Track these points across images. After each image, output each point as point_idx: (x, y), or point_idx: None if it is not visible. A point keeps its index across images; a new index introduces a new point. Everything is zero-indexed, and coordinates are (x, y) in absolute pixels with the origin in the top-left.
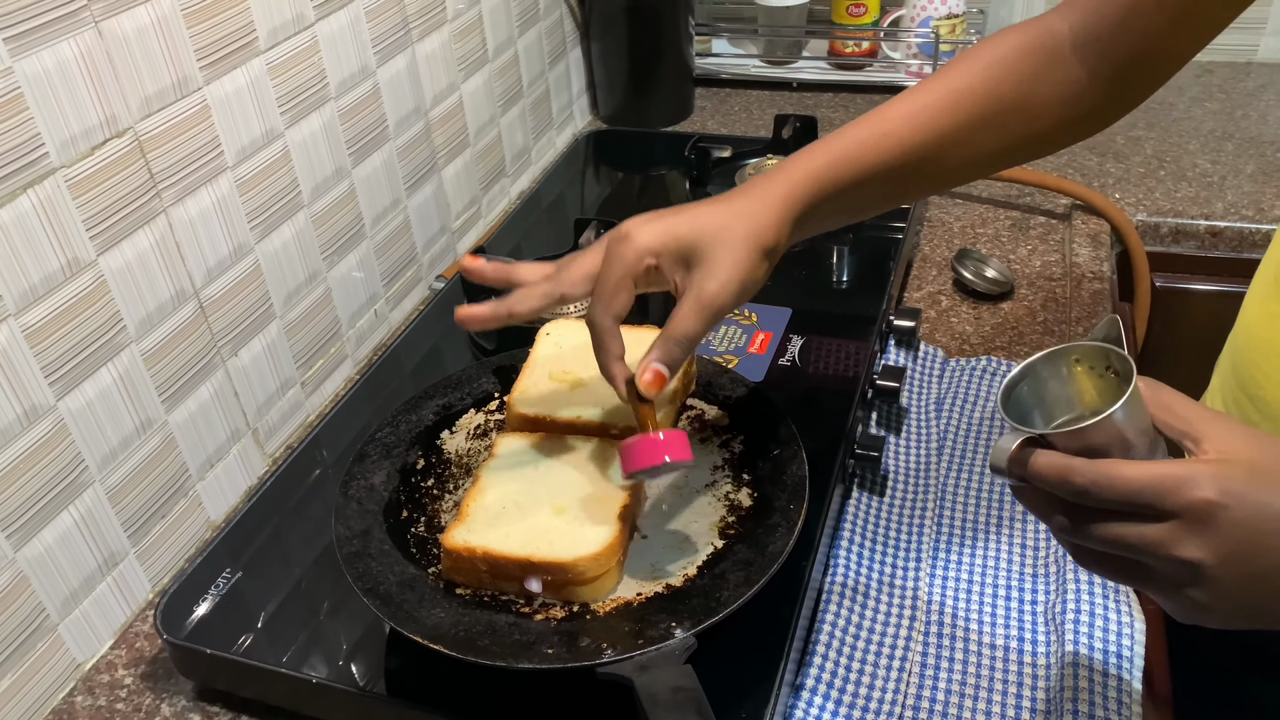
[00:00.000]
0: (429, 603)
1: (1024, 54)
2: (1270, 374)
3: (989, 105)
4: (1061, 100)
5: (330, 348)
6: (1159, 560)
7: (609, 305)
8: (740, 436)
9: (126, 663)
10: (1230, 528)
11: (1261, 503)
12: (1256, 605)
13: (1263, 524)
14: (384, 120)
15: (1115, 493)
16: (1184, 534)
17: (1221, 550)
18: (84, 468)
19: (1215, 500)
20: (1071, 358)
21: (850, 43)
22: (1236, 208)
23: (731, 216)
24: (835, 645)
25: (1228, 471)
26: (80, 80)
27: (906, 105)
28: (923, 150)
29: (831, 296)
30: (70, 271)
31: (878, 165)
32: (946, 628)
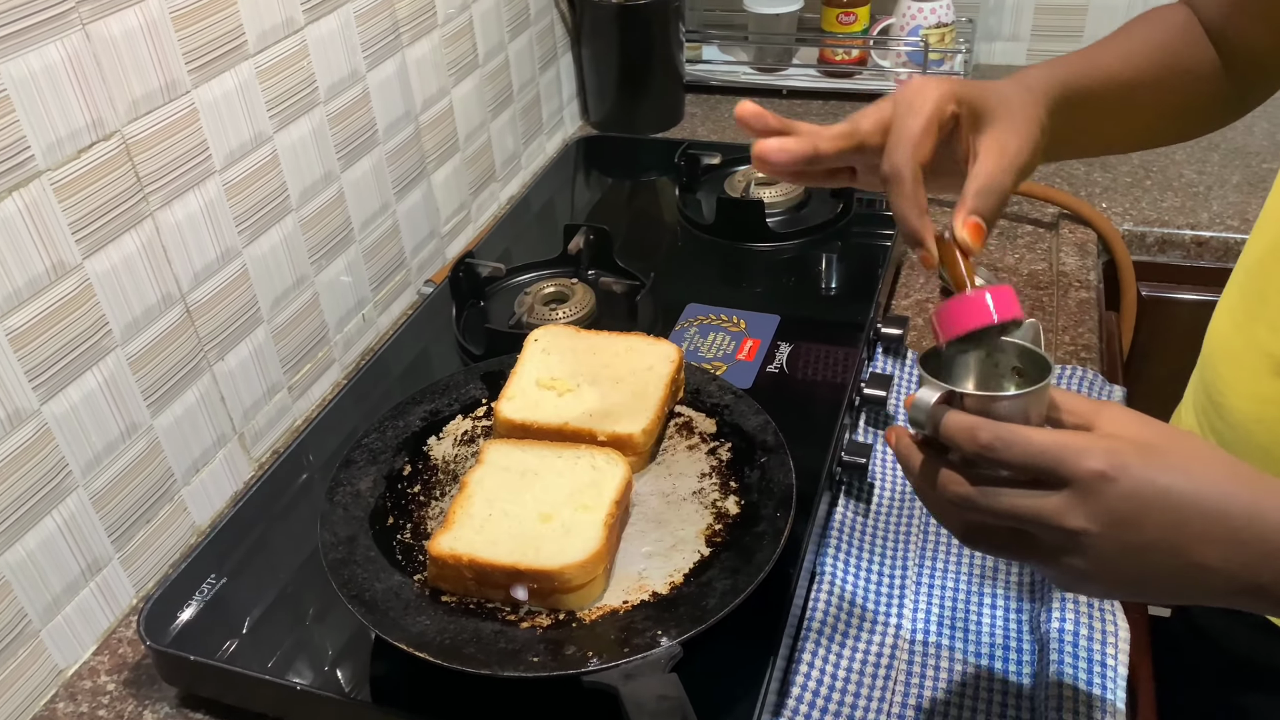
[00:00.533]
0: (414, 610)
1: (1186, 22)
2: (1232, 382)
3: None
4: (1214, 74)
5: (318, 352)
6: (1046, 530)
7: (918, 147)
8: (728, 444)
9: (109, 669)
10: (1116, 500)
11: (1146, 478)
12: (1135, 577)
13: (1146, 498)
14: (373, 124)
15: (1015, 453)
16: (1073, 503)
17: (1105, 520)
18: (68, 473)
19: (1105, 472)
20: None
21: (840, 50)
22: (1222, 218)
23: (1012, 89)
24: (821, 654)
25: (1119, 447)
26: (67, 83)
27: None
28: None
29: (819, 303)
30: (55, 275)
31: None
32: (933, 637)
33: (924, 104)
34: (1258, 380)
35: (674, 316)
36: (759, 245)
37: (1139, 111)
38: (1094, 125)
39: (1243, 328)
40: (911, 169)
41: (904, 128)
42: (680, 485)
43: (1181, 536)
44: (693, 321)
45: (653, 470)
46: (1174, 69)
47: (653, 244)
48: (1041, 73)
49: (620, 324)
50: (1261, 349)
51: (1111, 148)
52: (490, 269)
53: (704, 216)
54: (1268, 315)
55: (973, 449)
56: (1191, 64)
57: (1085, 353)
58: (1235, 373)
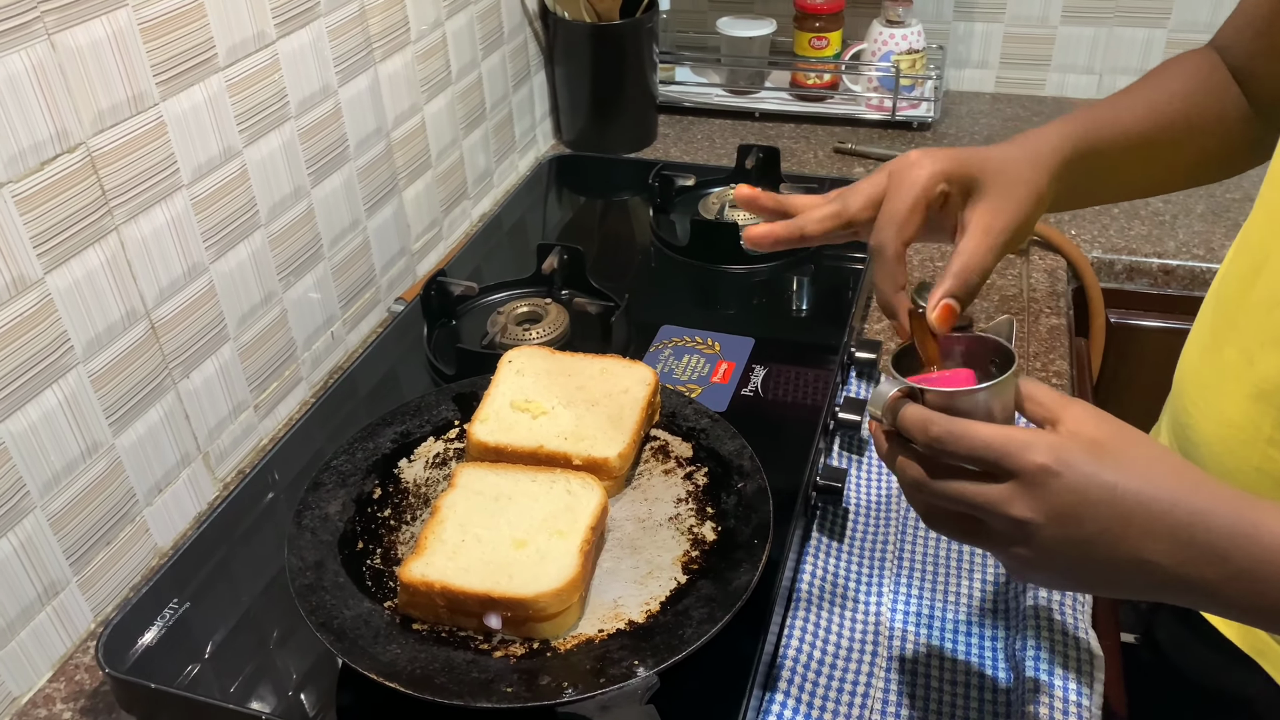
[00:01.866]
0: (384, 638)
1: (1212, 69)
2: (1201, 405)
3: (1193, 109)
4: (1241, 118)
5: (285, 370)
6: (995, 518)
7: (902, 228)
8: (705, 469)
9: (65, 696)
10: (1059, 493)
11: (1090, 474)
12: (1079, 568)
13: (1088, 493)
14: (345, 140)
15: (964, 445)
16: (1018, 494)
17: (1049, 512)
18: (25, 493)
19: (1049, 465)
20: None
21: (812, 75)
22: (1188, 246)
23: (1012, 155)
24: (798, 681)
25: (1065, 443)
26: (31, 93)
27: (1135, 95)
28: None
29: (793, 326)
30: (16, 289)
31: (1115, 141)
32: (908, 662)
33: (914, 184)
34: (1224, 405)
35: (648, 338)
36: (733, 267)
37: (1158, 162)
38: (1111, 178)
39: (1211, 352)
40: (894, 248)
41: (892, 208)
42: (656, 510)
43: (1124, 531)
44: (667, 343)
45: (628, 495)
46: (1197, 118)
47: (626, 264)
48: (1056, 131)
49: (594, 345)
50: (1230, 373)
51: (1128, 196)
52: (463, 288)
53: (678, 238)
54: (1237, 340)
55: (925, 441)
56: (1216, 111)
57: (1057, 379)
58: (1204, 397)
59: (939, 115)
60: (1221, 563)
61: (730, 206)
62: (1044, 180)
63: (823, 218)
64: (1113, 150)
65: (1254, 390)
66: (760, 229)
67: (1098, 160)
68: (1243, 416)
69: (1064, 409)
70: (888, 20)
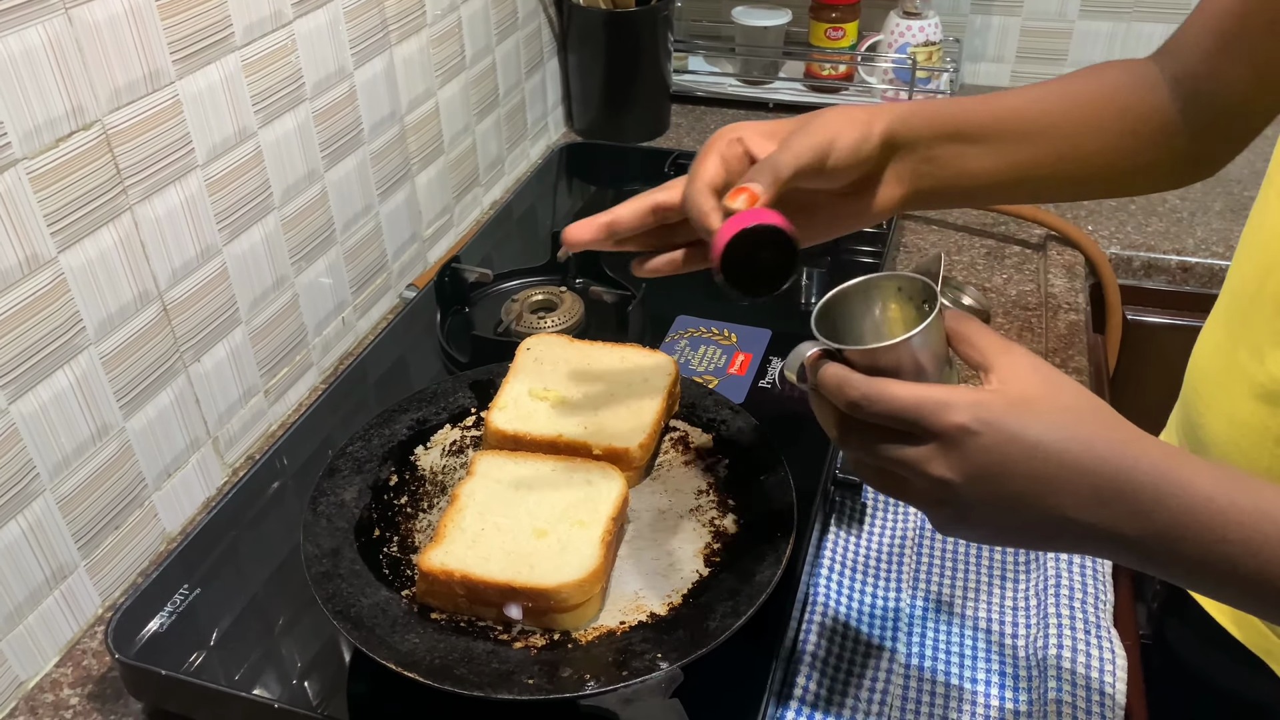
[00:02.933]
0: (403, 627)
1: (1133, 79)
2: (1210, 404)
3: (1100, 114)
4: (1163, 132)
5: (295, 355)
6: (917, 476)
7: (697, 172)
8: (725, 460)
9: (73, 681)
10: (978, 452)
11: (1012, 433)
12: (1004, 525)
13: (1009, 451)
14: (359, 123)
15: (881, 408)
16: (938, 454)
17: (969, 472)
18: (35, 475)
19: (967, 425)
20: (893, 286)
21: (827, 66)
22: (1207, 244)
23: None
24: (815, 678)
25: (986, 400)
26: (47, 68)
27: (1023, 92)
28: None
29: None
30: (29, 268)
31: (988, 127)
32: (928, 661)
33: (708, 146)
34: (1235, 404)
35: (664, 328)
36: None
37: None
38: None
39: (1224, 351)
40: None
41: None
42: (677, 502)
43: (1046, 489)
44: (683, 334)
45: (648, 486)
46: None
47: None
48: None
49: (609, 334)
50: (1241, 373)
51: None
52: (477, 274)
53: None
54: (1249, 340)
55: (843, 405)
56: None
57: (1076, 375)
58: (1215, 396)
59: None
60: (1145, 520)
61: None
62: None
63: (632, 204)
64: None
65: (1264, 390)
66: (571, 229)
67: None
68: (1253, 416)
69: (997, 357)
70: (905, 12)
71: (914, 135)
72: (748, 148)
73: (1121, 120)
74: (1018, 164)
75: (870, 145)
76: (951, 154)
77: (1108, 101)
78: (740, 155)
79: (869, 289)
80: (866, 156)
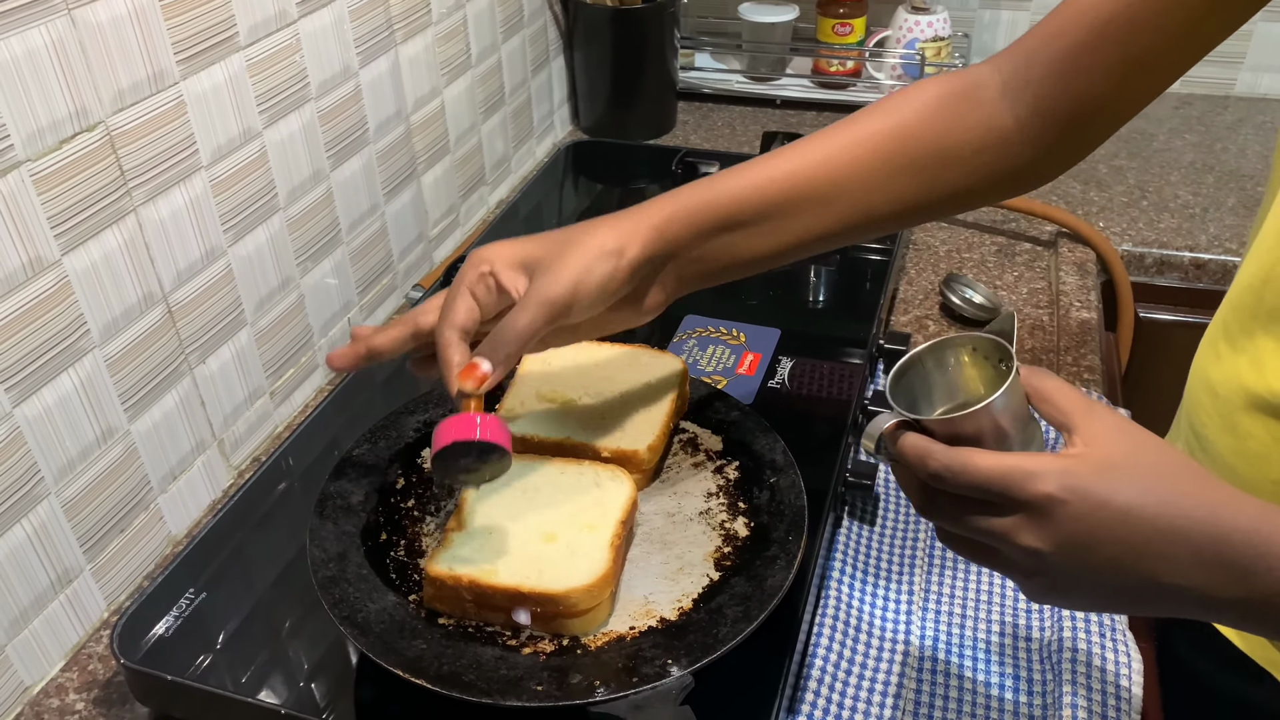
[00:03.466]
0: (410, 633)
1: (942, 100)
2: (1211, 413)
3: (902, 149)
4: (985, 149)
5: (301, 357)
6: (1007, 546)
7: (447, 314)
8: (735, 462)
9: (78, 686)
10: (1067, 521)
11: (1101, 499)
12: (1097, 594)
13: (1099, 520)
14: (365, 123)
15: (965, 480)
16: (1026, 525)
17: (1059, 541)
18: (39, 479)
19: (1055, 495)
20: (967, 346)
21: (835, 62)
22: (1220, 240)
23: (580, 229)
24: (828, 682)
25: (1073, 467)
26: (50, 69)
27: (804, 150)
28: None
29: (820, 318)
30: (32, 271)
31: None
32: (940, 664)
33: (461, 277)
34: (1236, 415)
35: (672, 328)
36: None
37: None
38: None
39: (1225, 360)
40: (443, 332)
41: (445, 301)
42: (686, 505)
43: (1139, 556)
44: (691, 334)
45: (656, 488)
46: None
47: None
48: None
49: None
50: (1241, 384)
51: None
52: None
53: None
54: (1250, 350)
55: (925, 478)
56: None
57: (1089, 374)
58: (1215, 406)
59: None
60: (1247, 582)
61: None
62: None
63: (390, 329)
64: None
65: (1265, 403)
66: (339, 350)
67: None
68: (1259, 427)
69: (1080, 418)
70: (913, 7)
71: (675, 244)
72: (499, 281)
73: (932, 150)
74: (798, 236)
75: (619, 280)
76: (718, 247)
77: (913, 134)
78: (491, 289)
79: (941, 350)
80: (616, 290)
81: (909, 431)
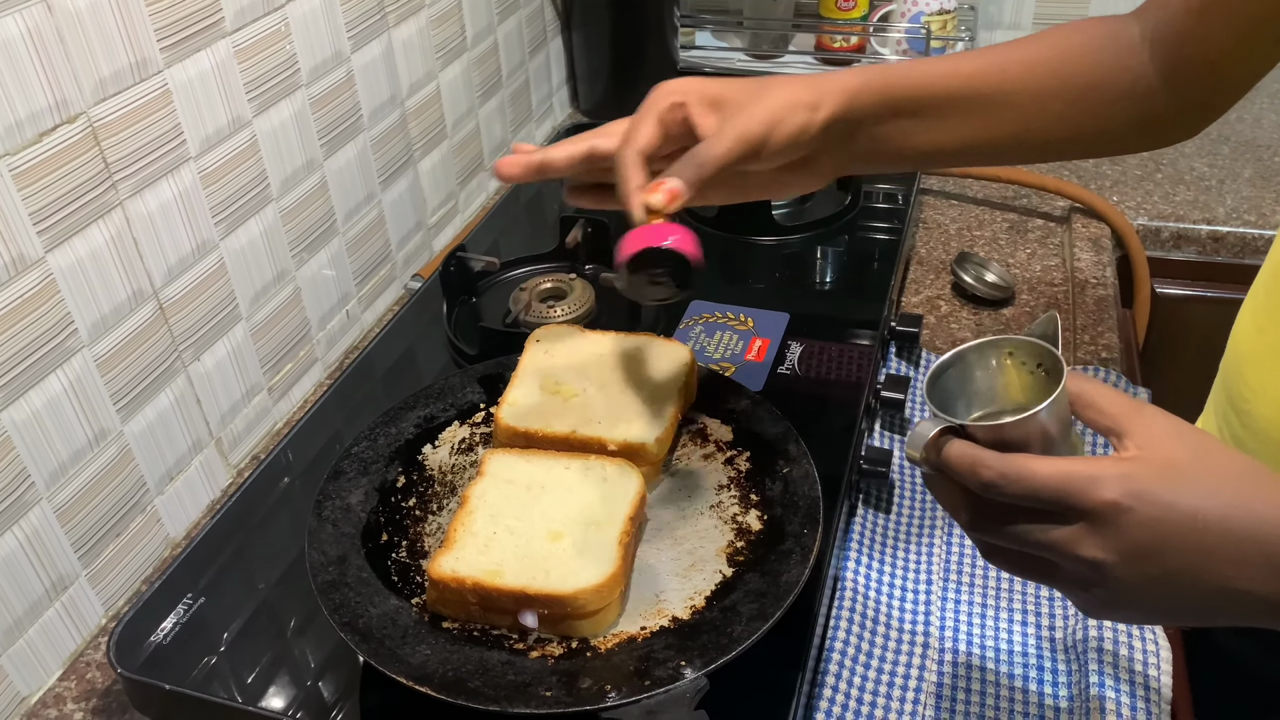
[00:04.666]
0: (413, 638)
1: (1101, 37)
2: (1257, 389)
3: (1064, 74)
4: (1133, 95)
5: (299, 351)
6: (1065, 559)
7: (632, 137)
8: (746, 453)
9: (76, 696)
10: (1133, 529)
11: (1167, 504)
12: (1163, 605)
13: (1166, 526)
14: (358, 109)
15: (1023, 488)
16: (1088, 534)
17: (1124, 551)
18: (30, 484)
19: (1119, 502)
20: (1004, 350)
21: (839, 38)
22: (1238, 212)
23: (771, 80)
24: (846, 676)
25: (1135, 471)
26: (27, 59)
27: (984, 55)
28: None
29: (829, 301)
30: (16, 270)
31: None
32: (962, 656)
33: (650, 103)
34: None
35: (678, 314)
36: (763, 239)
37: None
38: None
39: (1268, 331)
40: (624, 154)
41: (630, 124)
42: (696, 498)
43: (1209, 562)
44: (698, 320)
45: (665, 482)
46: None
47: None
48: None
49: (621, 322)
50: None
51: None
52: (483, 263)
53: (704, 208)
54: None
55: (977, 487)
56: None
57: (1107, 353)
58: (1261, 378)
59: None
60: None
61: None
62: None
63: (567, 145)
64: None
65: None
66: (504, 160)
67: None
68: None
69: (1131, 421)
70: None
71: (861, 114)
72: (689, 115)
73: (1089, 84)
74: (968, 136)
75: (811, 133)
76: (896, 130)
77: (1075, 64)
78: (680, 122)
79: (981, 353)
80: (805, 143)
81: (954, 438)
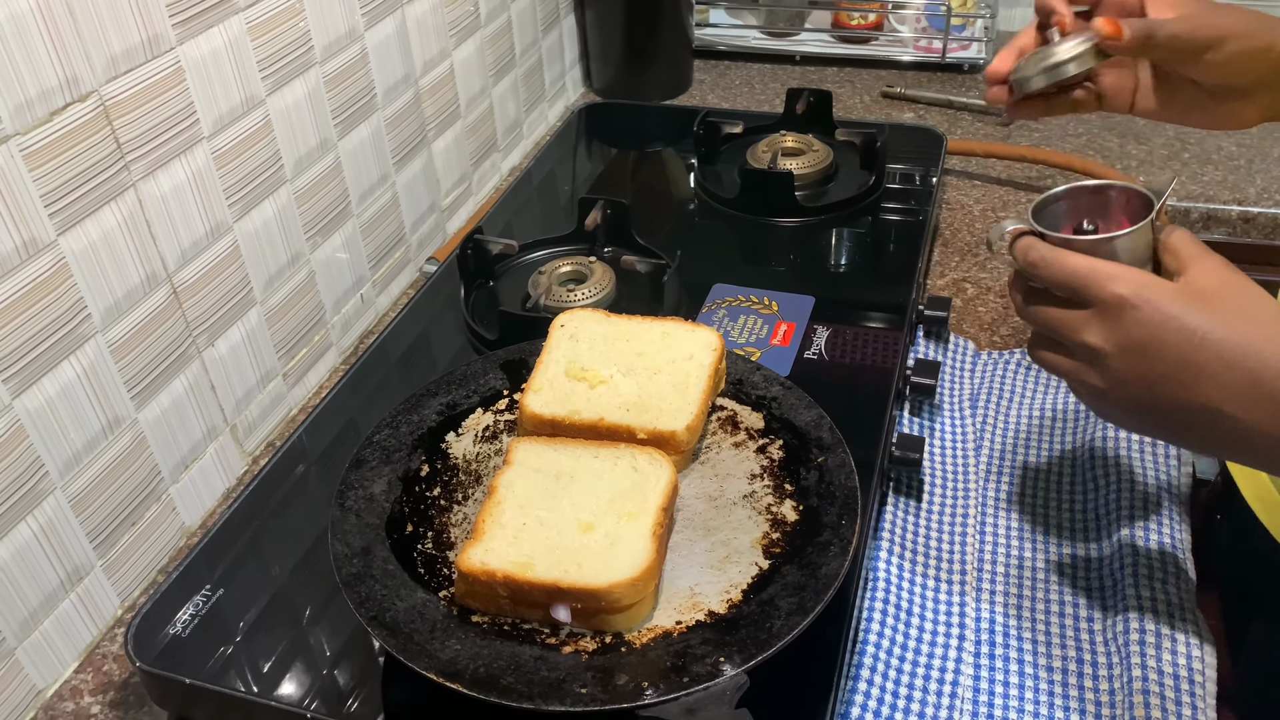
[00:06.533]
0: (442, 633)
1: None
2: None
3: None
4: None
5: (314, 336)
6: (1070, 342)
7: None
8: (779, 441)
9: (93, 688)
10: (1133, 325)
11: (1171, 314)
12: (1147, 406)
13: (1165, 331)
14: (372, 88)
15: (1054, 271)
16: (1092, 320)
17: (1120, 343)
18: (44, 474)
19: (1126, 297)
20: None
21: (856, 15)
22: (1269, 192)
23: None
24: (880, 669)
25: (1155, 283)
26: (37, 36)
27: None
28: None
29: (855, 283)
30: (27, 253)
31: None
32: (999, 648)
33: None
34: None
35: (700, 298)
36: (785, 220)
37: None
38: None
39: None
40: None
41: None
42: (729, 488)
43: (1196, 376)
44: (721, 303)
45: (696, 470)
46: None
47: (668, 219)
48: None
49: (643, 306)
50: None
51: None
52: (502, 246)
53: (724, 189)
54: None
55: (1022, 265)
56: None
57: None
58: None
59: (991, 57)
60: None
61: (783, 155)
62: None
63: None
64: None
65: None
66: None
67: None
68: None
69: (1194, 262)
70: None
71: None
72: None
73: None
74: None
75: (1258, 65)
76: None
77: None
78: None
79: (1097, 192)
80: (1246, 71)
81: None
